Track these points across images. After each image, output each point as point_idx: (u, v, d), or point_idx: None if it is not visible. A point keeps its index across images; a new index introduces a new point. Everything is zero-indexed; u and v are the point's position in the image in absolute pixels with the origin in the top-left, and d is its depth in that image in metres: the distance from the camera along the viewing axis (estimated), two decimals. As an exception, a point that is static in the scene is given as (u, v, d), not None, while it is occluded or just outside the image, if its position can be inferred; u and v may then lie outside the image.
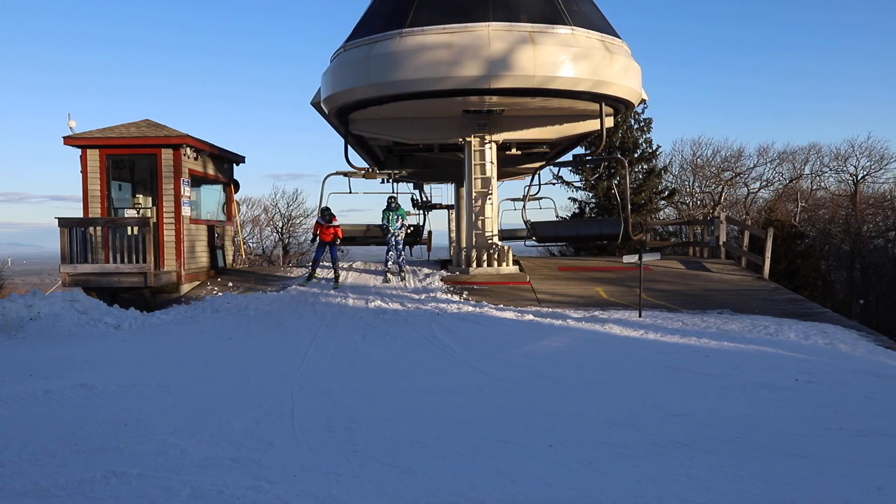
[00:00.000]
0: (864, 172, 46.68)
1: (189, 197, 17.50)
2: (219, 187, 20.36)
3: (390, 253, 18.51)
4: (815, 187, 48.53)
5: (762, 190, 47.50)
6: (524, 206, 20.42)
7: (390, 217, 18.44)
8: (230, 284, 17.77)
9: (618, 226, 19.54)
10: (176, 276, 16.98)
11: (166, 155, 17.06)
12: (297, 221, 47.65)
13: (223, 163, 20.20)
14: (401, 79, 16.12)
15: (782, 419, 7.23)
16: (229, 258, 20.63)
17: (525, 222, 20.26)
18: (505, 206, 21.01)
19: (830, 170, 48.13)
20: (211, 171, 19.18)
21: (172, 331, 13.03)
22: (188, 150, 17.40)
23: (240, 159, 21.01)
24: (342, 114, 18.47)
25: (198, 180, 18.53)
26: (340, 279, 17.95)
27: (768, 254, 19.23)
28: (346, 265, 20.42)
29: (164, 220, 17.09)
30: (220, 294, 16.55)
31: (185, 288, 17.28)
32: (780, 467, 5.65)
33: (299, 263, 37.68)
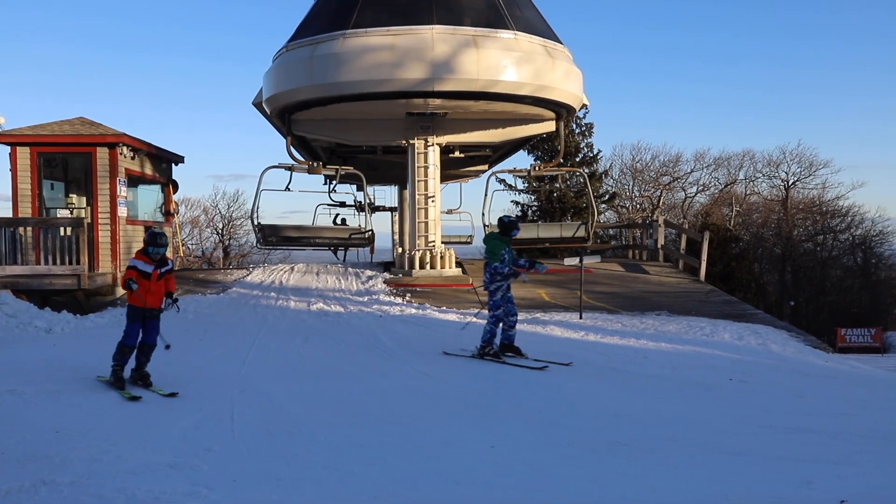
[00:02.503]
0: (795, 178, 48.27)
1: (125, 197, 17.07)
2: (157, 187, 19.91)
3: (493, 321, 10.22)
4: (748, 192, 49.97)
5: (699, 194, 48.72)
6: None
7: (505, 254, 10.11)
8: (168, 287, 17.38)
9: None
10: (111, 279, 16.55)
11: (101, 154, 16.60)
12: (238, 223, 47.02)
13: (161, 162, 19.77)
14: (344, 80, 16.04)
15: (717, 418, 7.41)
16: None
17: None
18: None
19: (763, 175, 49.65)
20: (148, 170, 18.75)
21: (107, 335, 12.63)
22: (125, 148, 16.98)
23: (179, 159, 20.59)
24: (284, 114, 18.27)
25: (135, 180, 18.09)
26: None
27: (704, 257, 19.71)
28: (287, 267, 20.16)
29: (99, 221, 16.63)
30: (157, 296, 16.18)
31: (122, 290, 16.85)
32: (715, 464, 5.78)
33: (240, 265, 37.13)
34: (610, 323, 13.54)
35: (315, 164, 19.30)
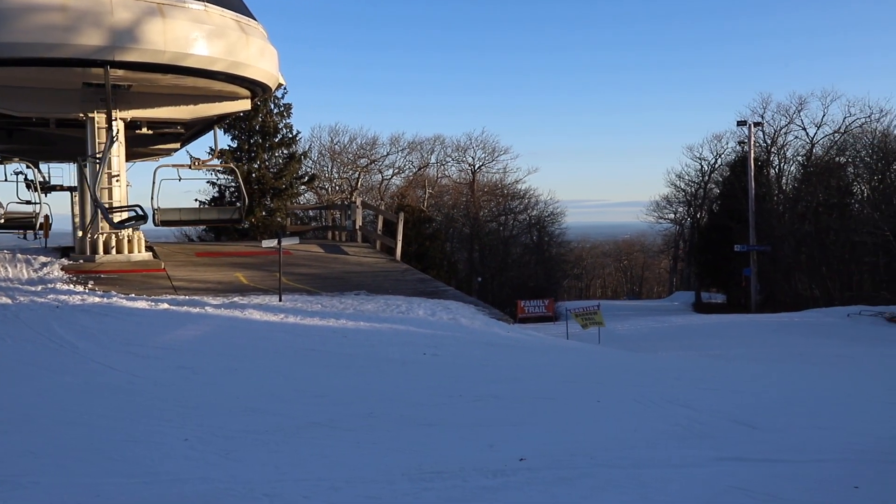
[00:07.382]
0: (480, 163, 52.20)
1: None
2: None
3: None
4: (440, 175, 53.02)
5: (395, 177, 50.61)
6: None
7: None
8: None
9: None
10: None
11: None
12: None
13: None
14: (3, 41, 14.07)
15: (412, 391, 7.75)
16: None
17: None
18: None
19: (453, 160, 53.00)
20: None
21: None
22: None
23: None
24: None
25: None
26: None
27: (400, 237, 20.51)
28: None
29: None
30: None
31: None
32: (411, 436, 6.03)
33: None
34: (310, 304, 13.55)
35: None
